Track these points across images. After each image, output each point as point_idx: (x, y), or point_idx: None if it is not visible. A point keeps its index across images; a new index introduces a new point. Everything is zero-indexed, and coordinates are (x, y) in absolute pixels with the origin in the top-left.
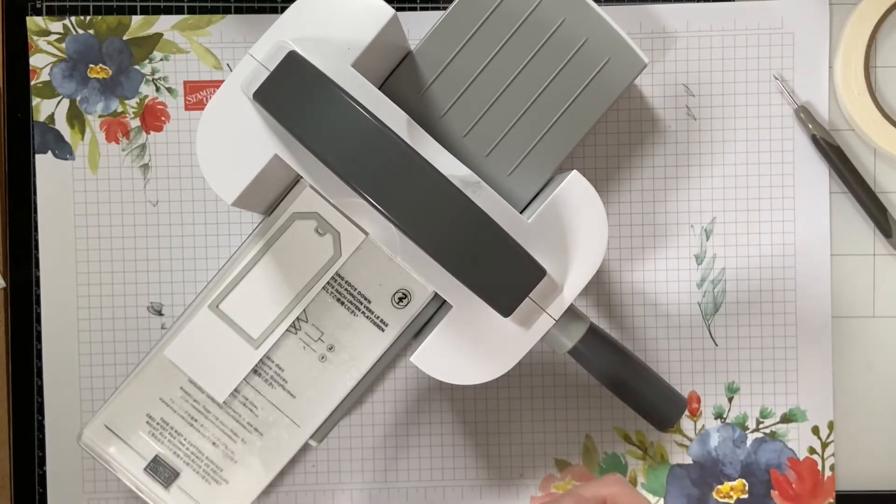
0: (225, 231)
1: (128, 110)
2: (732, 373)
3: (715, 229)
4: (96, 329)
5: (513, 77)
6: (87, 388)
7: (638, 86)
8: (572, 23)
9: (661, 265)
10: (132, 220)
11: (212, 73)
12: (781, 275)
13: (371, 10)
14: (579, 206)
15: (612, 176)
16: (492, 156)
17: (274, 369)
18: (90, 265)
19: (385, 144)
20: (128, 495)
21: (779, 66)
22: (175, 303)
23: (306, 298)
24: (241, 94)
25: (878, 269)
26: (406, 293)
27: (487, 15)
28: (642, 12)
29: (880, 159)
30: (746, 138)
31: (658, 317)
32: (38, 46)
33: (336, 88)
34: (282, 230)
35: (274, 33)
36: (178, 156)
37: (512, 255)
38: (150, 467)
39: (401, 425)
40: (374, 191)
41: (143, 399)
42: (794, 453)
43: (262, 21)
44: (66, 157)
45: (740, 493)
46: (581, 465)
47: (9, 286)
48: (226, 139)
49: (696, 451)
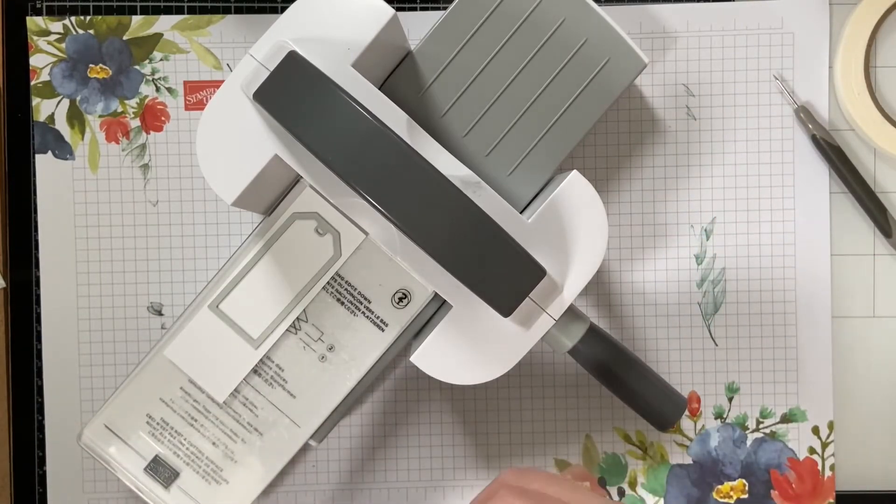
0: (225, 231)
1: (128, 110)
2: (732, 373)
3: (715, 229)
4: (96, 329)
5: (513, 77)
6: (87, 388)
7: (638, 86)
8: (572, 23)
9: (661, 265)
10: (132, 220)
11: (212, 73)
12: (781, 275)
13: (371, 10)
14: (579, 206)
15: (612, 176)
16: (492, 156)
17: (274, 369)
18: (90, 265)
19: (385, 144)
20: (128, 495)
21: (779, 66)
22: (175, 303)
23: (306, 298)
24: (241, 94)
25: (878, 269)
26: (406, 293)
27: (487, 15)
28: (642, 12)
29: (880, 159)
30: (746, 138)
31: (658, 317)
32: (38, 46)
33: (336, 88)
34: (282, 230)
35: (274, 33)
36: (178, 156)
37: (512, 255)
38: (150, 467)
39: (401, 425)
40: (374, 191)
41: (143, 399)
42: (794, 453)
43: (262, 21)
44: (66, 157)
45: (740, 493)
46: (581, 464)
47: (9, 286)
48: (226, 139)
49: (696, 451)
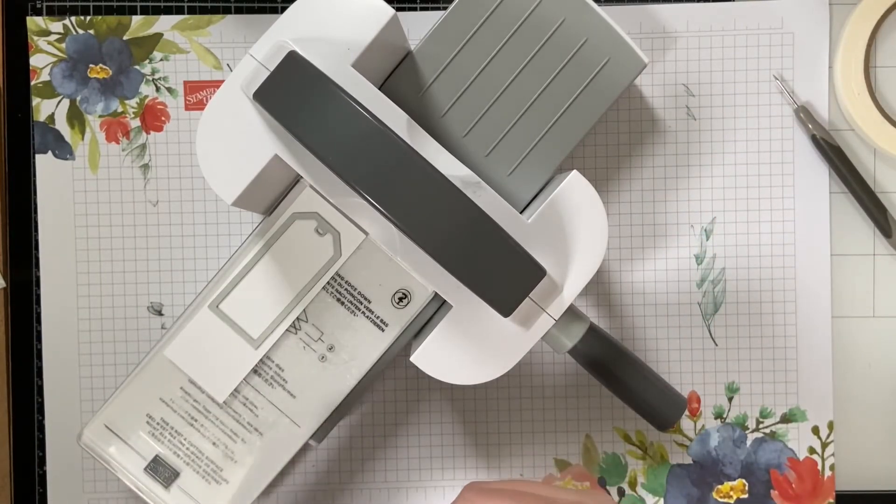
0: (225, 231)
1: (128, 110)
2: (732, 373)
3: (715, 229)
4: (96, 329)
5: (513, 77)
6: (87, 388)
7: (638, 86)
8: (572, 23)
9: (661, 265)
10: (132, 220)
11: (212, 73)
12: (781, 275)
13: (371, 10)
14: (579, 206)
15: (612, 176)
16: (492, 156)
17: (274, 369)
18: (90, 265)
19: (385, 144)
20: (128, 495)
21: (779, 66)
22: (175, 303)
23: (306, 298)
24: (241, 94)
25: (878, 269)
26: (406, 293)
27: (487, 15)
28: (642, 12)
29: (880, 159)
30: (746, 138)
31: (658, 317)
32: (38, 46)
33: (336, 88)
34: (282, 230)
35: (274, 33)
36: (178, 156)
37: (512, 255)
38: (150, 467)
39: (401, 425)
40: (374, 191)
41: (143, 399)
42: (794, 453)
43: (262, 21)
44: (66, 157)
45: (740, 493)
46: (581, 464)
47: (9, 286)
48: (226, 139)
49: (696, 451)
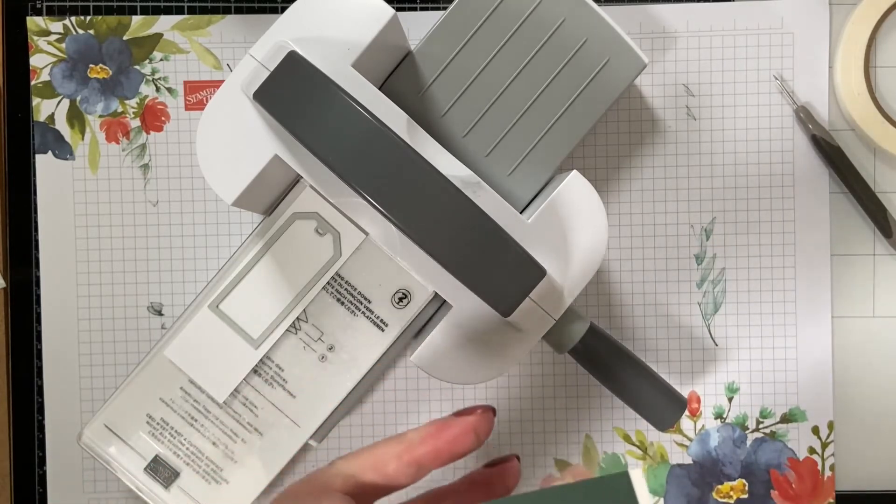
0: (225, 231)
1: (128, 110)
2: (732, 373)
3: (715, 229)
4: (96, 329)
5: (513, 77)
6: (87, 388)
7: (638, 86)
8: (572, 23)
9: (661, 265)
10: (132, 220)
11: (212, 73)
12: (781, 275)
13: (371, 10)
14: (579, 206)
15: (612, 176)
16: (492, 156)
17: (274, 369)
18: (90, 265)
19: (385, 144)
20: (128, 495)
21: (779, 66)
22: (175, 303)
23: (306, 298)
24: (241, 94)
25: (878, 269)
26: (406, 293)
27: (487, 15)
28: (642, 12)
29: (880, 159)
30: (746, 138)
31: (658, 317)
32: (38, 46)
33: (336, 88)
34: (282, 230)
35: (274, 33)
36: (178, 156)
37: (512, 255)
38: (150, 467)
39: (401, 425)
40: (374, 191)
41: (143, 399)
42: (794, 453)
43: (262, 21)
44: (66, 157)
45: (740, 493)
46: (581, 464)
47: (9, 286)
48: (226, 139)
49: (696, 451)
